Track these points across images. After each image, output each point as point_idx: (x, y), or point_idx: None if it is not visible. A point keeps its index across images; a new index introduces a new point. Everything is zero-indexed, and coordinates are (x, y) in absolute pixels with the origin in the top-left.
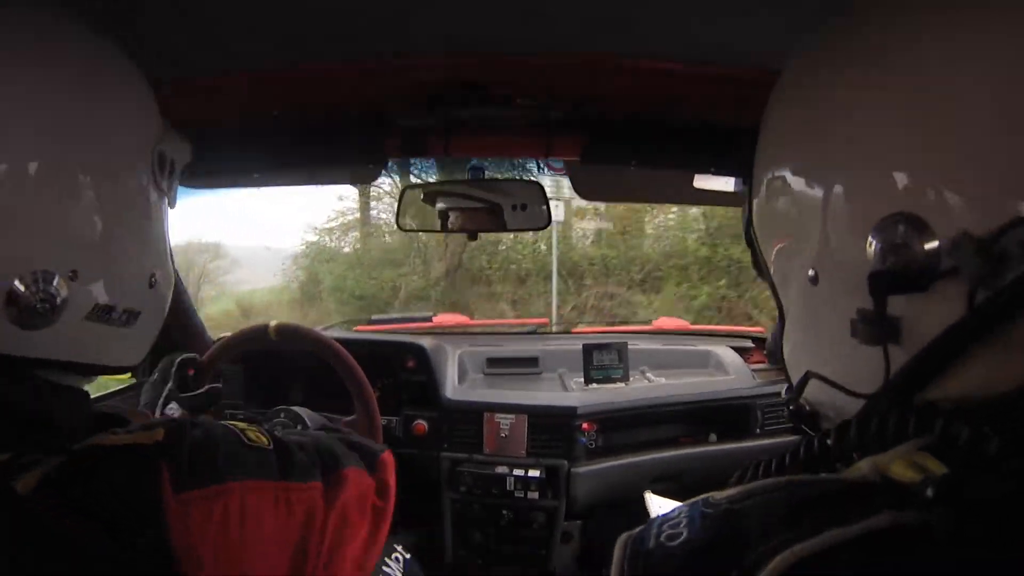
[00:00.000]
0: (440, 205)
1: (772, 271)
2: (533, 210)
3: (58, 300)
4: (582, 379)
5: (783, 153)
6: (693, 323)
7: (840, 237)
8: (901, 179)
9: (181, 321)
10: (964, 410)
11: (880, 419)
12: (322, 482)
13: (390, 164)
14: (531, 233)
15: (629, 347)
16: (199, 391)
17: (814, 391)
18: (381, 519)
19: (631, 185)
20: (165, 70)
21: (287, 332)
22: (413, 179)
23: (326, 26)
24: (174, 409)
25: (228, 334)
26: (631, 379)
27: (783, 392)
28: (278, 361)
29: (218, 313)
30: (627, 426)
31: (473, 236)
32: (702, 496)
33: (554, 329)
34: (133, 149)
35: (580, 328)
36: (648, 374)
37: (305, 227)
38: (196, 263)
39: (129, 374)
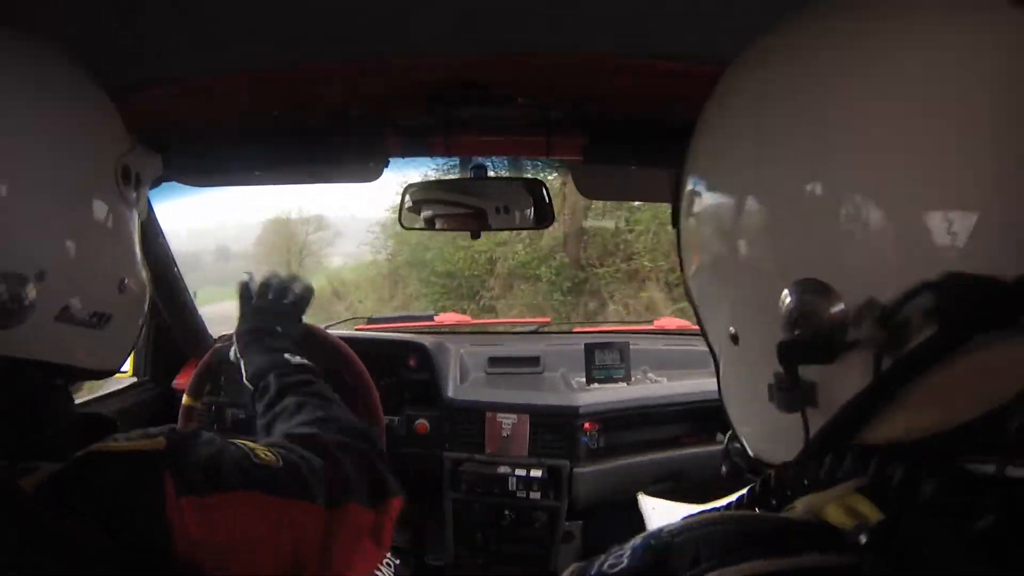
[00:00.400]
0: (443, 204)
1: (699, 310)
2: (537, 208)
3: (26, 300)
4: (584, 379)
5: (705, 170)
6: None
7: (755, 300)
8: (810, 244)
9: (182, 321)
10: (898, 449)
11: (817, 461)
12: (324, 506)
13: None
14: None
15: (631, 347)
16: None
17: (749, 441)
18: (372, 558)
19: (633, 184)
20: (165, 70)
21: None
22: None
23: (326, 26)
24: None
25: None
26: (633, 379)
27: (723, 440)
28: None
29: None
30: (629, 426)
31: (476, 234)
32: (660, 527)
33: (556, 328)
34: (93, 163)
35: (582, 327)
36: (650, 374)
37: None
38: (298, 235)
39: (130, 372)
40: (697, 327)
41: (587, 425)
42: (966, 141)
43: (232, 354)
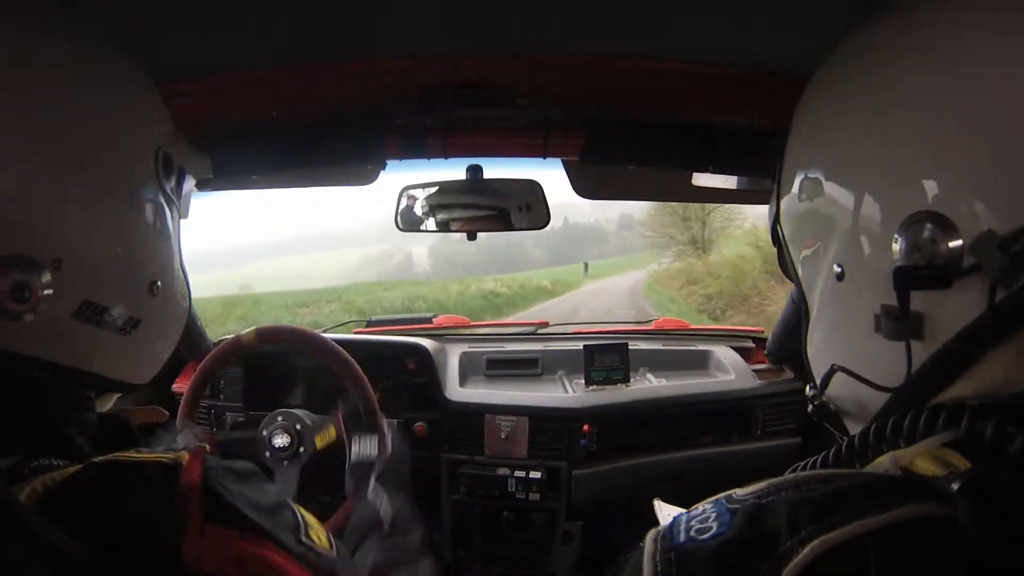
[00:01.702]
0: (440, 204)
1: (799, 269)
2: (534, 209)
3: (37, 290)
4: (583, 380)
5: (813, 153)
6: None
7: (867, 234)
8: (928, 179)
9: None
10: (990, 407)
11: (903, 416)
12: None
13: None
14: None
15: (630, 347)
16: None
17: (837, 388)
18: None
19: (629, 184)
20: (165, 70)
21: (268, 335)
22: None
23: (326, 26)
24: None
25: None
26: (632, 380)
27: (807, 390)
28: (278, 364)
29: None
30: (628, 427)
31: (472, 236)
32: (724, 493)
33: (554, 330)
34: (131, 145)
35: (580, 328)
36: (649, 375)
37: None
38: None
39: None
40: (696, 327)
41: (586, 427)
42: None
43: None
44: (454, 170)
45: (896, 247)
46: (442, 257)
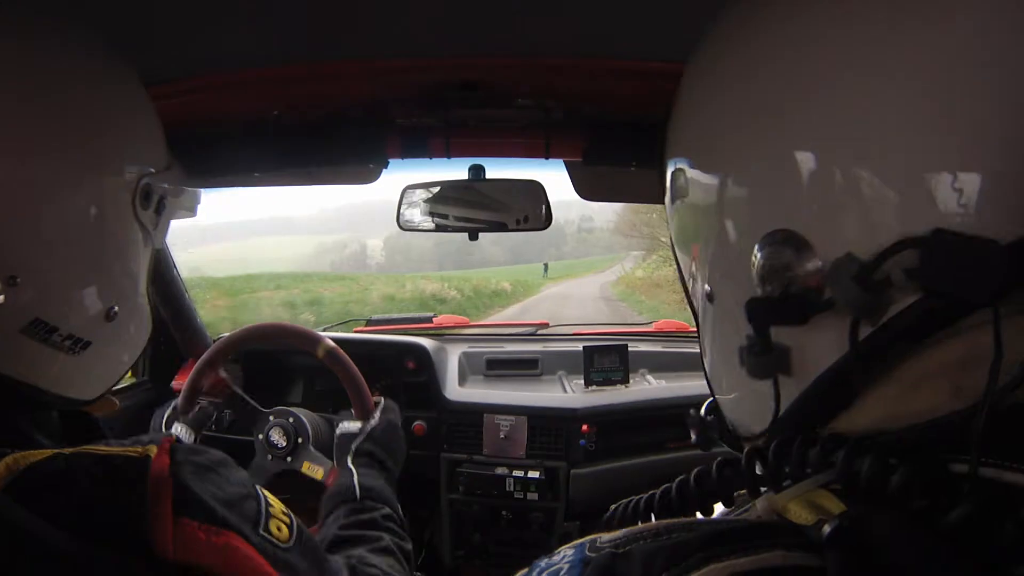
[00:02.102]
0: (441, 203)
1: (684, 276)
2: (534, 209)
3: None
4: (582, 381)
5: (683, 152)
6: None
7: (728, 254)
8: (786, 192)
9: (180, 321)
10: (870, 441)
11: (776, 451)
12: None
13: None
14: None
15: (629, 349)
16: (193, 410)
17: (728, 413)
18: None
19: (632, 185)
20: (165, 69)
21: (333, 359)
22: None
23: (326, 26)
24: (179, 429)
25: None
26: (631, 381)
27: (702, 409)
28: (277, 362)
29: None
30: (627, 428)
31: (473, 236)
32: (590, 537)
33: (554, 331)
34: (112, 170)
35: (580, 329)
36: (648, 376)
37: None
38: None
39: (128, 372)
40: (695, 328)
41: (585, 427)
42: (956, 94)
43: (343, 458)
44: (456, 170)
45: (754, 272)
46: (396, 250)
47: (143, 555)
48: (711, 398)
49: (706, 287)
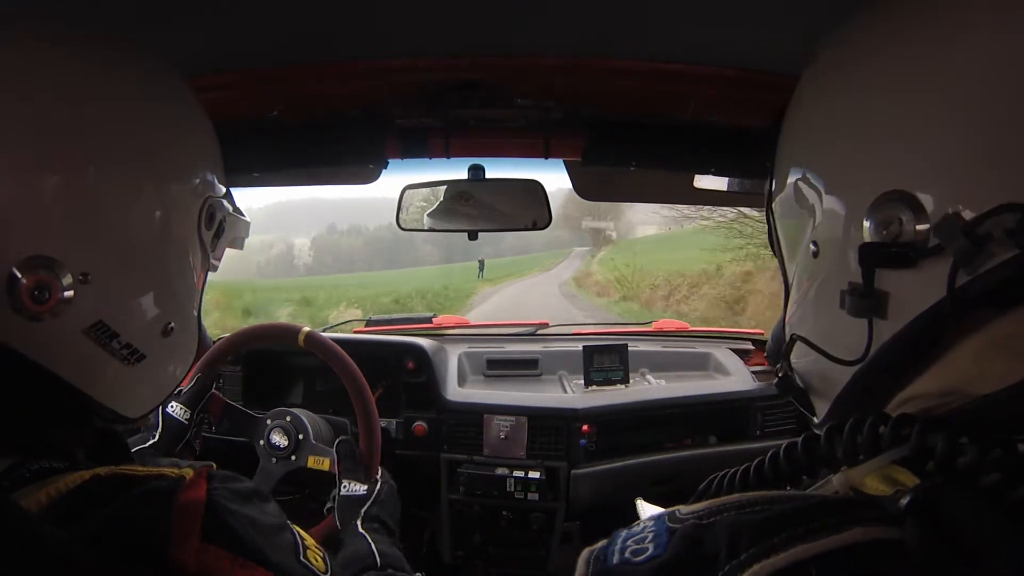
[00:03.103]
0: (443, 203)
1: (783, 246)
2: (536, 209)
3: (59, 294)
4: (582, 381)
5: (801, 143)
6: None
7: (841, 212)
8: (900, 160)
9: None
10: (941, 420)
11: (852, 430)
12: None
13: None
14: None
15: (629, 349)
16: (191, 383)
17: (804, 363)
18: None
19: (631, 185)
20: None
21: (313, 343)
22: None
23: (327, 26)
24: (174, 408)
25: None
26: (631, 381)
27: (778, 364)
28: (277, 362)
29: None
30: (627, 428)
31: (473, 235)
32: (668, 510)
33: (554, 331)
34: (188, 188)
35: (580, 329)
36: (648, 376)
37: None
38: None
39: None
40: (695, 329)
41: (585, 427)
42: None
43: (350, 521)
44: (456, 170)
45: (866, 225)
46: (325, 250)
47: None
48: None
49: (811, 246)
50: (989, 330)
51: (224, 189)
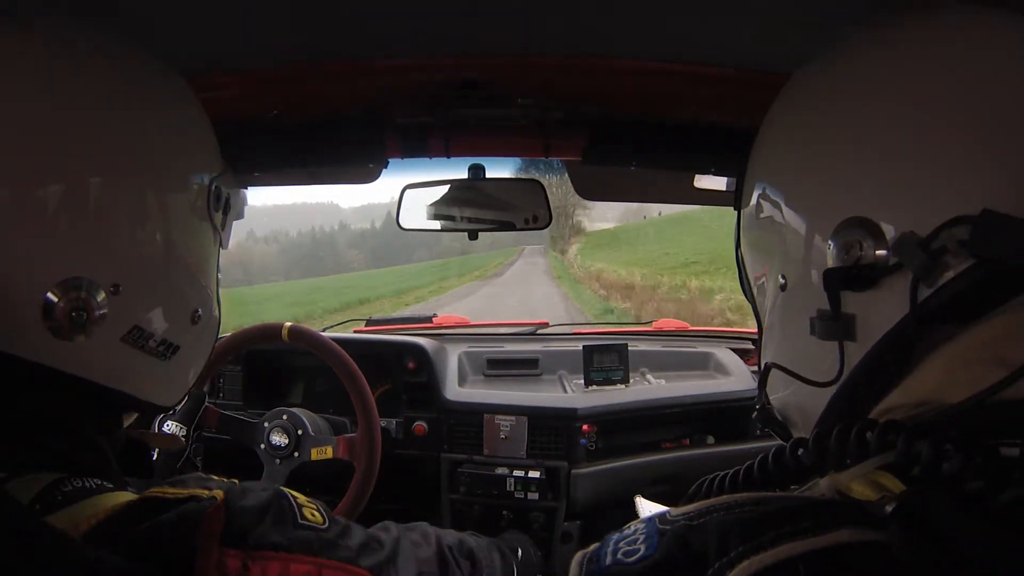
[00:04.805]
0: (443, 203)
1: (752, 282)
2: (535, 209)
3: (95, 311)
4: (582, 381)
5: (763, 168)
6: None
7: (805, 242)
8: (858, 186)
9: None
10: (926, 426)
11: (839, 436)
12: (371, 572)
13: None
14: None
15: (629, 348)
16: (183, 400)
17: (781, 395)
18: None
19: (631, 185)
20: None
21: (298, 335)
22: None
23: (326, 26)
24: (170, 427)
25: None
26: (631, 381)
27: (755, 400)
28: (277, 362)
29: None
30: (627, 428)
31: (473, 235)
32: (659, 512)
33: (554, 330)
34: (191, 176)
35: (580, 329)
36: (648, 376)
37: None
38: None
39: None
40: (695, 329)
41: (585, 427)
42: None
43: None
44: (456, 170)
45: (829, 252)
46: (234, 260)
47: None
48: (763, 393)
49: (780, 279)
50: (956, 342)
51: (221, 164)
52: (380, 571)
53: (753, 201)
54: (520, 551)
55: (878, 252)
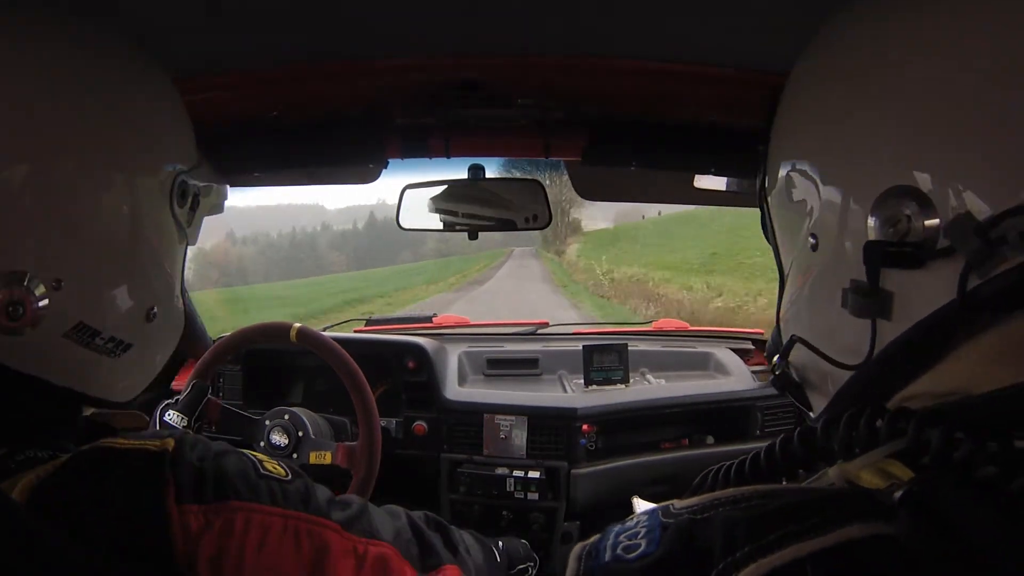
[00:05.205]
0: (443, 204)
1: (778, 235)
2: (535, 209)
3: (34, 306)
4: (582, 380)
5: (797, 134)
6: None
7: (843, 205)
8: (910, 154)
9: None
10: (939, 413)
11: (848, 423)
12: (341, 525)
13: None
14: None
15: (629, 348)
16: (186, 391)
17: (801, 358)
18: None
19: (631, 185)
20: (165, 69)
21: (305, 336)
22: None
23: (326, 26)
24: (172, 417)
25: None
26: (631, 380)
27: (774, 360)
28: (277, 362)
29: None
30: (627, 428)
31: (473, 235)
32: (662, 504)
33: (554, 330)
34: (151, 171)
35: (580, 329)
36: (648, 376)
37: None
38: None
39: None
40: (695, 328)
41: (585, 427)
42: None
43: None
44: (456, 170)
45: (871, 221)
46: (208, 262)
47: (163, 558)
48: (782, 353)
49: (810, 239)
50: (996, 333)
51: (195, 159)
52: (351, 525)
53: (780, 183)
54: (501, 543)
55: (927, 227)
